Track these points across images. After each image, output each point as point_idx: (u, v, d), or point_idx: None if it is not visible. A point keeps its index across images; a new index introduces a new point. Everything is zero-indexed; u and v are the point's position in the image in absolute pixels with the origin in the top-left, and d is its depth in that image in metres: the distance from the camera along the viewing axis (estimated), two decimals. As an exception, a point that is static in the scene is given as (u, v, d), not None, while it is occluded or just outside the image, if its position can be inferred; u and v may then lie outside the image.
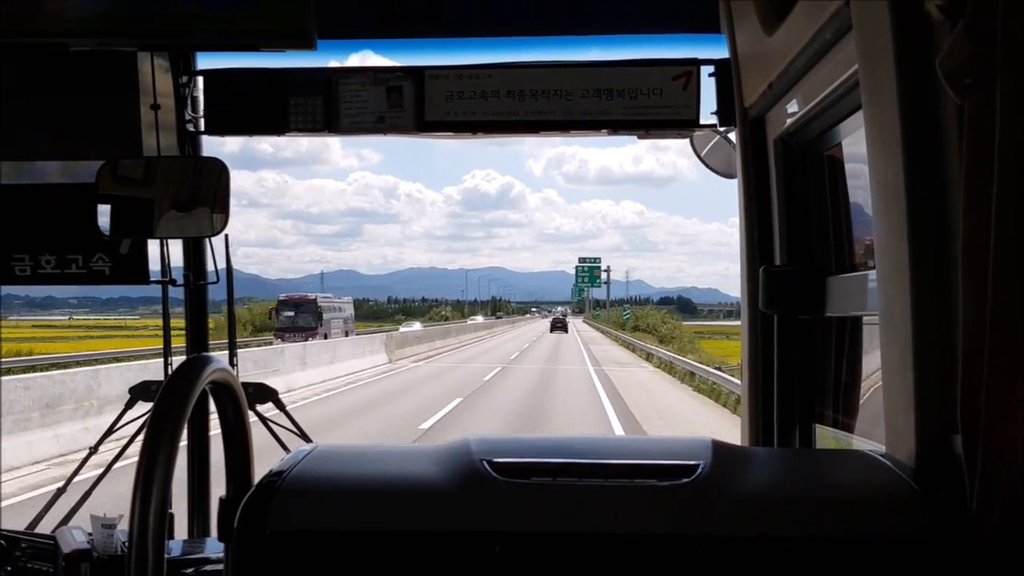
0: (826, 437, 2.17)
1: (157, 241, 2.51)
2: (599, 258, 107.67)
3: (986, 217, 1.03)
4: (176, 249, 2.59)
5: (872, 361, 1.86)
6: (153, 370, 12.19)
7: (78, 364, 24.86)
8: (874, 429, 1.83)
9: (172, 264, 2.59)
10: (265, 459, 1.36)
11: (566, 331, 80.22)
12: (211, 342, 2.74)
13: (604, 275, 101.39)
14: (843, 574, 1.11)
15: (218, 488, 1.53)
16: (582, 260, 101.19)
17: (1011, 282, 1.02)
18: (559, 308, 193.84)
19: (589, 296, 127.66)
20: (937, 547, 1.10)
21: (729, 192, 2.48)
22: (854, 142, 1.90)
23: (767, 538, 1.13)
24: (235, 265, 2.67)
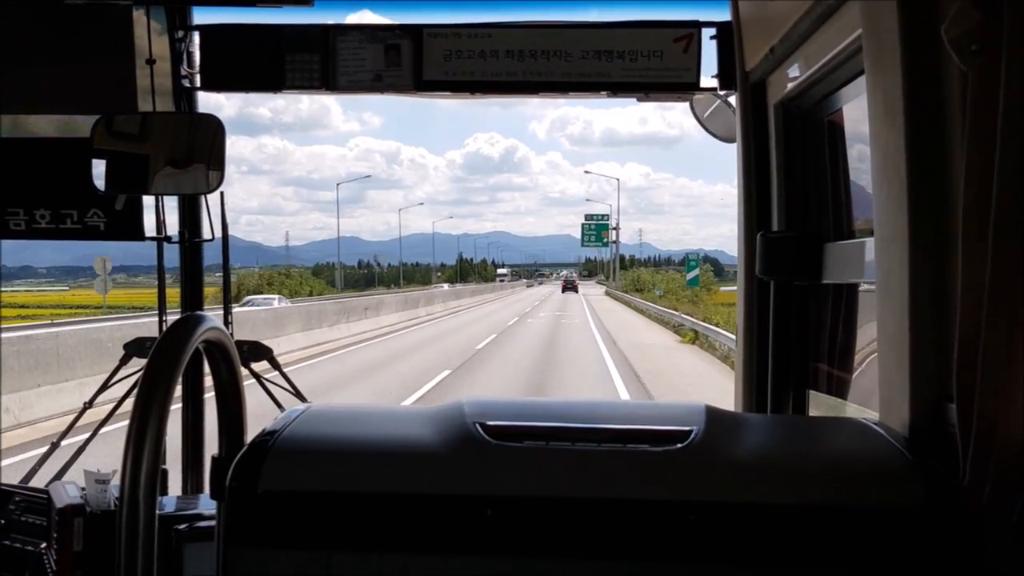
0: (820, 404, 2.17)
1: (152, 199, 2.50)
2: (606, 215, 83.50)
3: (987, 187, 1.02)
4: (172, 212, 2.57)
5: (868, 329, 1.86)
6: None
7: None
8: (868, 397, 1.84)
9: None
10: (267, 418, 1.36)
11: (576, 292, 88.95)
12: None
13: (613, 233, 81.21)
14: (835, 541, 1.12)
15: (212, 446, 1.54)
16: (588, 217, 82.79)
17: (1010, 253, 1.01)
18: (564, 272, 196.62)
19: (615, 253, 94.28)
20: (929, 516, 1.10)
21: (736, 153, 2.45)
22: (856, 108, 1.89)
23: (759, 504, 1.13)
24: (238, 233, 2.64)
